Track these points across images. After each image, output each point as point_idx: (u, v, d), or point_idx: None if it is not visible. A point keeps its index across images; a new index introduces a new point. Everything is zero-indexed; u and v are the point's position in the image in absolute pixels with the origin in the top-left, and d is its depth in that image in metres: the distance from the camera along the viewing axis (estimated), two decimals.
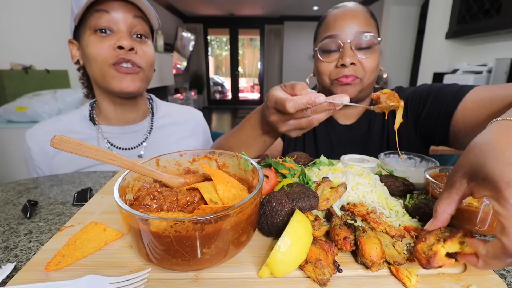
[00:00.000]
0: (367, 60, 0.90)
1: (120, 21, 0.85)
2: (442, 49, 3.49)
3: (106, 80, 0.88)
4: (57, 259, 0.43)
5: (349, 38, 0.89)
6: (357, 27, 0.89)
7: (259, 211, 0.48)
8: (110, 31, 0.86)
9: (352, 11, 0.91)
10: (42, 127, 1.01)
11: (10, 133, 2.27)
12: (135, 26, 0.88)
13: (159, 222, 0.35)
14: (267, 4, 7.61)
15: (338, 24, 0.90)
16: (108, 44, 0.85)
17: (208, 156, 0.60)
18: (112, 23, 0.85)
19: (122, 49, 0.85)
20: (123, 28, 0.86)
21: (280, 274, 0.39)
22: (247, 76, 12.45)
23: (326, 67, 0.94)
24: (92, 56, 0.86)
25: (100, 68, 0.87)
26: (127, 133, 1.02)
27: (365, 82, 0.93)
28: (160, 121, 1.09)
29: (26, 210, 0.60)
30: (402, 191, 0.63)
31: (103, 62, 0.86)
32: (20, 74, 2.63)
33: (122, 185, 0.46)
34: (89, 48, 0.85)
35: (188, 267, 0.40)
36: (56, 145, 0.42)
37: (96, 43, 0.85)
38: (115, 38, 0.85)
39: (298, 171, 0.65)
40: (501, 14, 2.64)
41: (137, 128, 1.04)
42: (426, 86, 0.96)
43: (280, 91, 0.63)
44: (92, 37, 0.85)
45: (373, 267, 0.40)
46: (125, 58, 0.86)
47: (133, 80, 0.89)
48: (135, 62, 0.88)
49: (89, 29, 0.85)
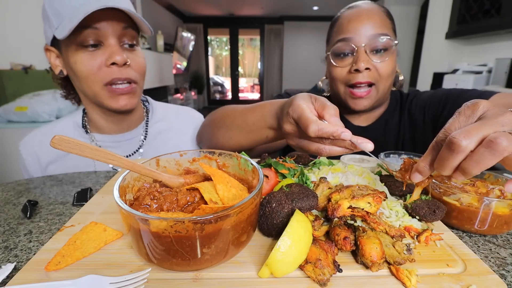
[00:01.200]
0: (382, 64, 0.85)
1: (109, 33, 0.78)
2: (442, 49, 3.50)
3: (99, 99, 0.83)
4: (57, 259, 0.42)
5: (363, 41, 0.84)
6: (372, 29, 0.84)
7: (259, 212, 0.48)
8: (100, 44, 0.79)
9: (366, 12, 0.86)
10: (35, 136, 0.98)
11: (10, 133, 2.27)
12: (124, 35, 0.82)
13: (159, 222, 0.35)
14: (267, 4, 7.61)
15: (352, 26, 0.85)
16: (100, 61, 0.78)
17: (208, 156, 0.60)
18: (100, 36, 0.78)
19: (115, 65, 0.79)
20: (113, 40, 0.79)
21: (280, 274, 0.39)
22: (247, 76, 12.44)
23: (340, 72, 0.89)
24: (82, 75, 0.79)
25: (91, 88, 0.81)
26: (121, 141, 0.97)
27: (381, 88, 0.88)
28: (156, 126, 1.03)
29: (26, 210, 0.60)
30: (402, 191, 0.63)
31: (95, 82, 0.80)
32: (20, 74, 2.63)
33: (122, 185, 0.46)
34: (78, 66, 0.78)
35: (188, 267, 0.40)
36: (56, 145, 0.42)
37: (86, 61, 0.78)
38: (106, 53, 0.79)
39: (298, 171, 0.65)
40: (501, 14, 2.64)
41: (132, 136, 0.98)
42: (445, 91, 0.92)
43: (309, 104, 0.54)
44: (80, 53, 0.78)
45: (373, 267, 0.40)
46: (121, 78, 0.81)
47: (129, 98, 0.85)
48: (131, 78, 0.83)
49: (74, 42, 0.77)
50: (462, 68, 3.15)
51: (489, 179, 0.63)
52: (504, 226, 0.52)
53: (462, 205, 0.54)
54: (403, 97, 1.04)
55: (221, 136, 0.82)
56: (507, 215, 0.51)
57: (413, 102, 1.00)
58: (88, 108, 0.93)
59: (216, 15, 8.89)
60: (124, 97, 0.84)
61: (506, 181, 0.42)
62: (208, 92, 9.95)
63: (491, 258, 0.48)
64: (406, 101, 1.02)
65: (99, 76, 0.79)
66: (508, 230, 0.53)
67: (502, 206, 0.51)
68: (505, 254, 0.48)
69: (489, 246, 0.51)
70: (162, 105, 1.10)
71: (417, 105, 0.98)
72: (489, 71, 2.88)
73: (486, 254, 0.49)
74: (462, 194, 0.54)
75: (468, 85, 2.91)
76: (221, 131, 0.82)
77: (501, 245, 0.51)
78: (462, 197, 0.54)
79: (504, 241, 0.52)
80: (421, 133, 0.95)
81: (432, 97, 0.94)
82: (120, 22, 0.79)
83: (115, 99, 0.83)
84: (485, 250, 0.50)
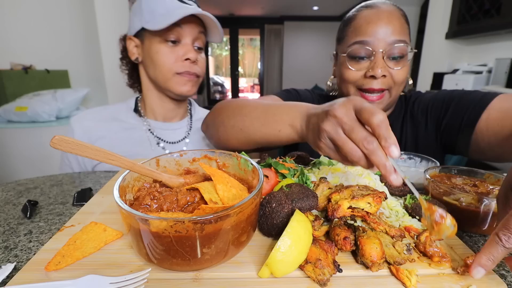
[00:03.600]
0: (398, 72, 0.83)
1: (188, 34, 0.95)
2: (442, 49, 3.49)
3: (168, 84, 0.98)
4: (57, 259, 0.42)
5: (382, 46, 0.81)
6: (391, 35, 0.80)
7: (259, 212, 0.48)
8: (178, 41, 0.95)
9: (387, 15, 0.81)
10: (89, 113, 1.08)
11: (10, 133, 2.27)
12: (197, 38, 0.98)
13: (159, 222, 0.35)
14: (267, 4, 7.61)
15: (371, 29, 0.81)
16: (176, 55, 0.95)
17: (208, 156, 0.60)
18: (181, 35, 0.94)
19: (188, 60, 0.95)
20: (189, 40, 0.96)
21: (280, 274, 0.39)
22: (247, 76, 12.44)
23: (353, 76, 0.86)
24: (160, 63, 0.95)
25: (164, 74, 0.97)
26: (168, 129, 1.09)
27: (393, 94, 0.87)
28: (197, 123, 1.16)
29: (26, 210, 0.60)
30: (402, 191, 0.63)
31: (169, 70, 0.96)
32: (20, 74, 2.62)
33: (122, 185, 0.46)
34: (159, 56, 0.94)
35: (188, 267, 0.40)
36: (56, 145, 0.42)
37: (166, 53, 0.94)
38: (183, 50, 0.95)
39: (298, 171, 0.65)
40: (501, 14, 2.64)
41: (177, 127, 1.12)
42: (447, 92, 0.91)
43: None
44: (163, 46, 0.94)
45: (373, 267, 0.40)
46: (190, 71, 0.97)
47: (192, 85, 1.01)
48: (196, 72, 1.00)
49: (158, 36, 0.93)
50: (462, 68, 3.15)
51: (489, 179, 0.63)
52: None
53: (462, 205, 0.54)
54: (406, 99, 1.03)
55: (230, 126, 0.80)
56: None
57: (415, 104, 0.99)
58: (148, 94, 1.06)
59: (216, 15, 8.72)
60: (189, 84, 1.00)
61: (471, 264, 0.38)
62: (208, 92, 9.95)
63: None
64: (408, 102, 1.01)
65: (174, 66, 0.95)
66: None
67: None
68: None
69: None
70: (201, 109, 1.27)
71: (419, 107, 0.97)
72: (489, 71, 2.87)
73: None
74: (462, 194, 0.54)
75: (468, 85, 2.91)
76: (231, 120, 0.80)
77: None
78: (462, 197, 0.54)
79: None
80: (423, 134, 0.94)
81: (434, 99, 0.93)
82: (197, 26, 0.96)
83: (182, 85, 0.99)
84: None
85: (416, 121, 0.97)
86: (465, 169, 0.66)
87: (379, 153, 0.44)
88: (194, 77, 1.00)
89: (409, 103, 1.01)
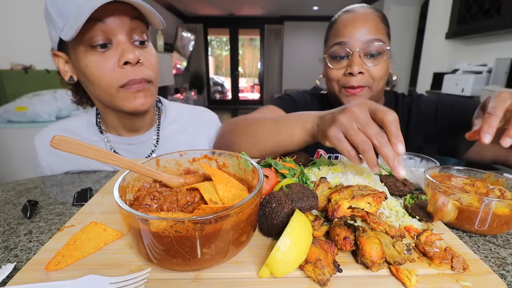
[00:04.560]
0: (375, 68, 0.89)
1: (118, 28, 0.73)
2: (442, 49, 3.50)
3: (114, 102, 0.79)
4: (57, 259, 0.42)
5: (358, 46, 0.88)
6: (366, 35, 0.87)
7: (259, 212, 0.48)
8: (109, 43, 0.74)
9: (362, 17, 0.89)
10: (50, 130, 0.97)
11: (10, 133, 2.27)
12: (133, 30, 0.76)
13: (159, 222, 0.35)
14: (267, 4, 7.61)
15: (348, 31, 0.89)
16: (112, 62, 0.74)
17: (208, 156, 0.60)
18: (109, 33, 0.72)
19: (128, 64, 0.75)
20: (123, 37, 0.74)
21: (280, 274, 0.39)
22: (247, 76, 12.44)
23: (335, 74, 0.94)
24: (95, 78, 0.75)
25: (105, 91, 0.77)
26: (133, 144, 0.94)
27: (374, 89, 0.93)
28: (169, 128, 0.99)
29: (26, 210, 0.60)
30: (402, 191, 0.63)
31: (109, 86, 0.75)
32: (20, 74, 2.63)
33: (122, 185, 0.46)
34: (90, 69, 0.74)
35: (188, 267, 0.40)
36: (56, 145, 0.42)
37: (97, 63, 0.73)
38: (118, 52, 0.74)
39: (298, 171, 0.65)
40: (501, 14, 2.64)
41: (144, 139, 0.95)
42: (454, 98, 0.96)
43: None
44: (90, 55, 0.73)
45: (373, 267, 0.40)
46: (136, 78, 0.76)
47: (145, 96, 0.80)
48: (145, 77, 0.78)
49: (82, 43, 0.72)
50: (462, 68, 3.15)
51: (489, 179, 0.63)
52: (504, 226, 0.52)
53: (462, 205, 0.54)
54: (398, 97, 1.07)
55: (243, 143, 0.84)
56: (507, 215, 0.51)
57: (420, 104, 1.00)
58: (102, 110, 0.90)
59: (216, 15, 8.89)
60: (140, 95, 0.79)
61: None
62: (208, 92, 9.95)
63: (491, 258, 0.48)
64: (404, 102, 1.04)
65: (113, 78, 0.75)
66: (508, 230, 0.53)
67: (502, 206, 0.51)
68: (505, 254, 0.48)
69: (489, 246, 0.51)
70: (175, 106, 1.06)
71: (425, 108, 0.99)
72: (489, 71, 2.87)
73: (486, 254, 0.49)
74: (462, 194, 0.54)
75: (468, 85, 2.90)
76: (243, 138, 0.84)
77: (501, 245, 0.51)
78: (462, 197, 0.54)
79: (504, 241, 0.52)
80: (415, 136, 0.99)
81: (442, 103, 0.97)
82: (126, 13, 0.73)
83: (131, 100, 0.79)
84: (485, 250, 0.50)
85: (415, 120, 1.00)
86: (465, 169, 0.66)
87: (388, 147, 0.51)
88: (144, 84, 0.78)
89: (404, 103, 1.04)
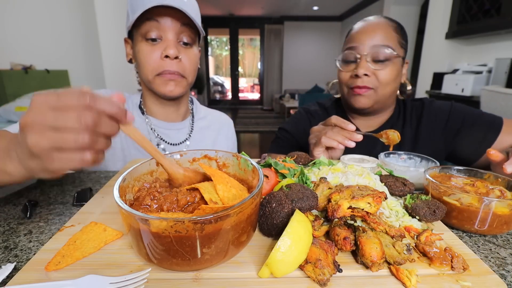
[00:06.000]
0: (381, 72, 0.94)
1: (168, 29, 0.88)
2: (442, 49, 3.49)
3: (151, 85, 0.94)
4: (57, 259, 0.42)
5: (366, 51, 0.94)
6: (375, 41, 0.93)
7: (259, 212, 0.48)
8: (159, 39, 0.89)
9: (372, 25, 0.96)
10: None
11: None
12: (182, 32, 0.91)
13: (159, 222, 0.35)
14: (267, 4, 7.61)
15: (358, 37, 0.96)
16: (156, 54, 0.89)
17: (208, 156, 0.60)
18: (161, 31, 0.88)
19: (168, 58, 0.89)
20: (171, 36, 0.89)
21: (280, 274, 0.39)
22: (247, 76, 12.45)
23: (344, 76, 1.01)
24: (141, 63, 0.91)
25: (146, 75, 0.92)
26: (170, 129, 1.06)
27: (380, 92, 0.97)
28: (199, 122, 1.14)
29: (26, 210, 0.60)
30: (402, 191, 0.63)
31: (150, 71, 0.91)
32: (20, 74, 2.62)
33: (122, 185, 0.46)
34: (140, 55, 0.90)
35: (188, 267, 0.40)
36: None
37: (146, 52, 0.89)
38: (163, 47, 0.88)
39: (298, 171, 0.65)
40: (501, 14, 2.64)
41: (180, 127, 1.09)
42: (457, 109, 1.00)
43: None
44: (143, 44, 0.89)
45: (373, 267, 0.40)
46: (170, 69, 0.90)
47: (175, 85, 0.94)
48: (178, 71, 0.92)
49: (140, 35, 0.89)
50: (462, 68, 3.15)
51: (489, 179, 0.63)
52: (504, 226, 0.52)
53: (462, 205, 0.54)
54: (406, 103, 1.10)
55: None
56: (507, 215, 0.51)
57: (431, 109, 1.03)
58: (145, 93, 1.04)
59: (216, 15, 8.88)
60: (171, 83, 0.93)
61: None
62: (208, 92, 9.96)
63: (491, 258, 0.48)
64: (412, 106, 1.08)
65: (153, 66, 0.90)
66: (508, 230, 0.53)
67: (502, 206, 0.51)
68: (505, 254, 0.48)
69: (489, 246, 0.51)
70: (203, 107, 1.24)
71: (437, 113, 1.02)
72: (489, 71, 2.87)
73: (486, 254, 0.49)
74: (462, 194, 0.54)
75: (468, 85, 2.90)
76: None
77: (501, 245, 0.51)
78: (462, 197, 0.54)
79: (504, 241, 0.52)
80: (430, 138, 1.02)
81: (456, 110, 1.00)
82: (179, 19, 0.88)
83: (163, 85, 0.93)
84: (485, 250, 0.50)
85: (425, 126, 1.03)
86: (465, 169, 0.66)
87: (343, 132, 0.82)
88: (176, 76, 0.93)
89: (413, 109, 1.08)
